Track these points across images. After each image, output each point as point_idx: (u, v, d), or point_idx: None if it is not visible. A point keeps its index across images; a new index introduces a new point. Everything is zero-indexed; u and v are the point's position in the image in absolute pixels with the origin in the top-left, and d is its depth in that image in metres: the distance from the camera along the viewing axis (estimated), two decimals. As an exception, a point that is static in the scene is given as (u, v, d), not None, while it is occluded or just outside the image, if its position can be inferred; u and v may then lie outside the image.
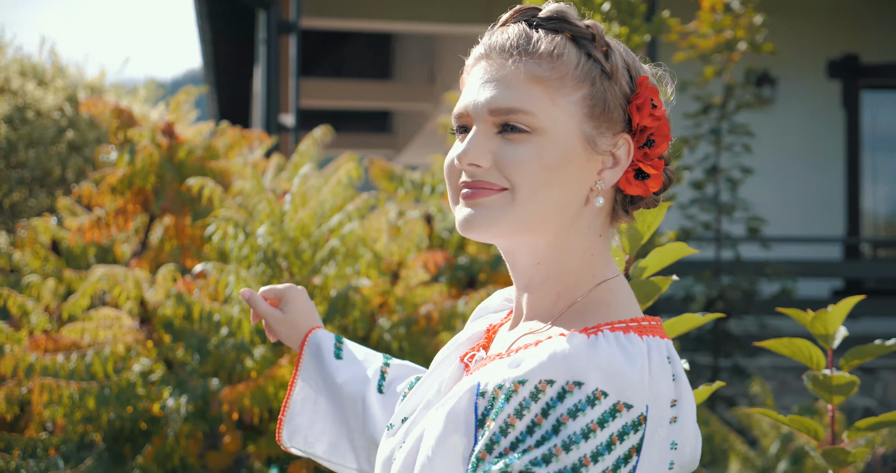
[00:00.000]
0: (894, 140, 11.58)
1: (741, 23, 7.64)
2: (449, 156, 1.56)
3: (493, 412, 1.38)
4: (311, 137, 5.79)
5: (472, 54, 1.58)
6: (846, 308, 2.45)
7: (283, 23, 9.43)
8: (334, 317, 4.14)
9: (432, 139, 16.40)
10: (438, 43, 14.47)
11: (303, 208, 4.20)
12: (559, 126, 1.50)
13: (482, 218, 1.49)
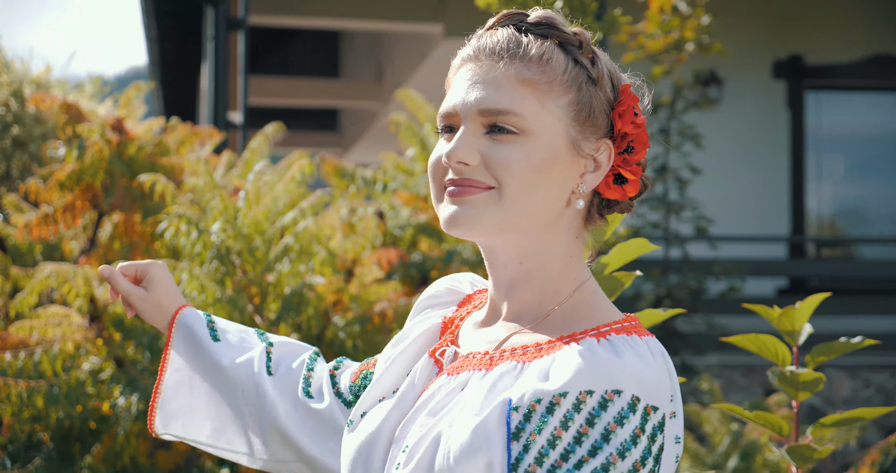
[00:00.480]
0: (838, 140, 11.71)
1: (689, 24, 7.70)
2: (434, 154, 1.59)
3: (535, 427, 1.41)
4: (262, 135, 5.75)
5: (458, 55, 1.61)
6: (812, 305, 2.47)
7: (232, 20, 9.37)
8: (288, 315, 4.12)
9: (381, 137, 16.37)
10: (386, 41, 14.45)
11: (257, 204, 4.18)
12: (546, 129, 1.54)
13: (468, 215, 1.53)
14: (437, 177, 1.57)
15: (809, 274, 10.79)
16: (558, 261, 1.58)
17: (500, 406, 1.44)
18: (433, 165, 1.58)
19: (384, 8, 11.68)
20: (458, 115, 1.55)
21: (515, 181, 1.51)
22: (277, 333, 4.25)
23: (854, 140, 11.88)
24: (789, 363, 2.46)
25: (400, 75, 13.57)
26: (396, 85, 13.70)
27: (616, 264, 2.38)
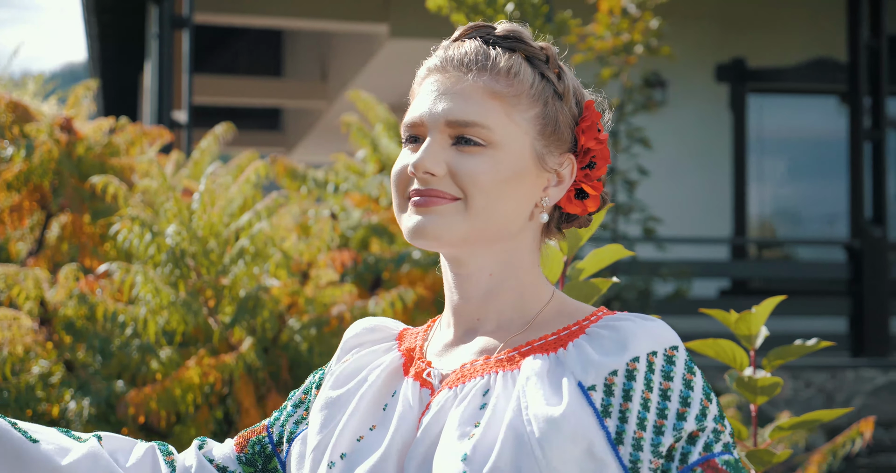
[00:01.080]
0: (779, 143, 11.84)
1: (638, 26, 7.74)
2: (398, 164, 1.58)
3: (622, 397, 1.46)
4: (212, 135, 5.71)
5: (424, 66, 1.61)
6: (768, 309, 2.49)
7: (177, 18, 9.29)
8: (243, 318, 4.09)
9: (324, 137, 16.31)
10: (331, 40, 14.40)
11: (212, 207, 4.14)
12: (513, 141, 1.54)
13: (434, 226, 1.52)
14: (401, 187, 1.57)
15: (751, 275, 10.90)
16: (528, 273, 1.60)
17: (573, 392, 1.46)
18: (397, 176, 1.57)
19: (329, 7, 11.64)
20: (425, 125, 1.55)
21: (482, 193, 1.52)
22: (232, 336, 4.23)
23: (795, 143, 12.02)
24: (747, 367, 2.48)
25: (345, 75, 13.53)
26: (341, 85, 13.66)
27: (591, 270, 2.39)
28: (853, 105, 9.71)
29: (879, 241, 9.63)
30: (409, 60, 11.94)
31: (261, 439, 1.71)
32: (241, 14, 11.91)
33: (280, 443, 1.69)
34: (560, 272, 2.35)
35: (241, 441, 1.73)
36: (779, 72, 11.45)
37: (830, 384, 9.35)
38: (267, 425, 1.72)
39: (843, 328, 9.90)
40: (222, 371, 4.01)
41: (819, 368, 9.31)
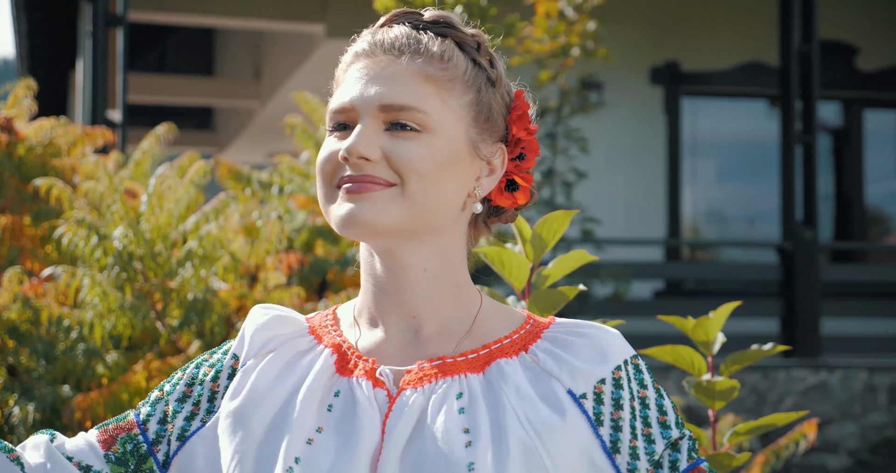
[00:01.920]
0: (712, 145, 11.97)
1: (575, 29, 7.79)
2: (324, 152, 1.52)
3: (612, 406, 1.48)
4: (153, 135, 5.66)
5: (349, 51, 1.56)
6: (724, 314, 2.52)
7: (111, 16, 9.18)
8: (192, 321, 4.05)
9: (258, 136, 16.21)
10: (265, 39, 14.32)
11: (160, 209, 4.10)
12: (448, 127, 1.51)
13: (367, 212, 1.46)
14: (328, 175, 1.51)
15: (685, 276, 11.01)
16: (461, 269, 1.57)
17: (566, 400, 1.47)
18: (324, 163, 1.51)
19: (264, 7, 11.57)
20: (356, 110, 1.50)
21: (419, 177, 1.47)
22: (179, 340, 4.19)
23: (727, 145, 12.16)
24: (705, 373, 2.51)
25: (279, 75, 13.46)
26: (275, 84, 13.59)
27: (556, 276, 2.40)
28: (785, 109, 9.83)
29: (810, 243, 9.76)
30: (345, 60, 11.92)
31: (133, 436, 1.56)
32: (176, 12, 11.80)
33: (158, 443, 1.55)
34: (526, 280, 2.36)
35: (107, 438, 1.57)
36: (712, 75, 11.58)
37: (763, 384, 9.46)
38: (137, 421, 1.57)
39: (776, 329, 10.03)
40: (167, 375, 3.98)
41: (752, 368, 9.42)
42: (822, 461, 9.24)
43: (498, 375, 1.49)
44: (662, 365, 8.80)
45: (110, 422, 1.58)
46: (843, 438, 9.37)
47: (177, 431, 1.56)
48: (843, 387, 9.52)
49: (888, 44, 11.72)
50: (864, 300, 11.06)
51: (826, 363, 9.57)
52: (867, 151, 12.02)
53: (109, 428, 1.58)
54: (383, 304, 1.54)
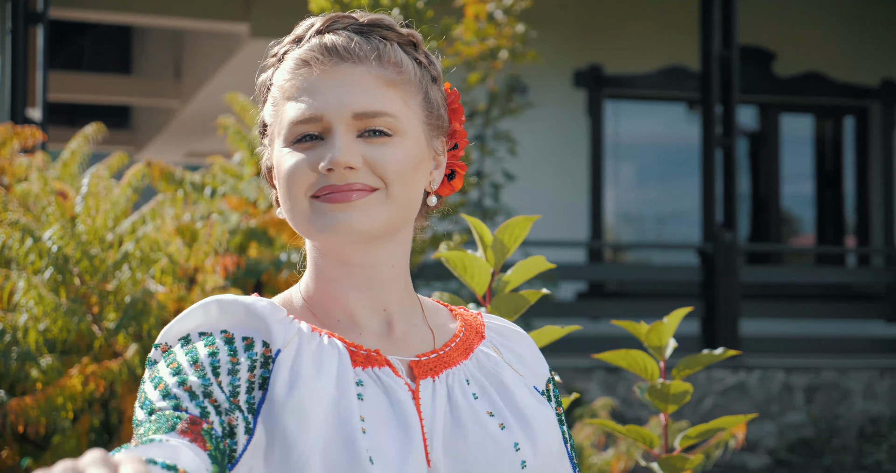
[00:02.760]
0: (633, 148, 12.09)
1: (504, 32, 7.82)
2: (290, 164, 1.51)
3: (556, 403, 1.68)
4: (82, 135, 5.57)
5: (290, 58, 1.55)
6: (677, 320, 2.55)
7: (31, 13, 9.03)
8: (129, 324, 4.00)
9: (178, 136, 16.04)
10: (186, 38, 14.17)
11: (96, 210, 4.04)
12: (412, 128, 1.55)
13: (357, 219, 1.49)
14: (301, 187, 1.50)
15: (607, 278, 11.10)
16: (409, 256, 1.62)
17: (536, 396, 1.62)
18: (294, 175, 1.50)
19: (187, 5, 11.45)
20: (325, 119, 1.50)
21: (399, 180, 1.52)
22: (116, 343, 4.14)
23: (648, 148, 12.29)
24: (657, 377, 2.53)
25: (201, 74, 13.34)
26: (197, 83, 13.46)
27: (516, 282, 2.42)
28: (705, 113, 9.96)
29: (730, 245, 9.90)
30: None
31: (210, 431, 1.38)
32: (96, 10, 11.63)
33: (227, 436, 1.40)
34: (487, 284, 2.37)
35: (202, 440, 1.36)
36: (633, 79, 11.69)
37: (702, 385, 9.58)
38: (201, 417, 1.38)
39: (696, 329, 10.16)
40: (106, 378, 3.92)
41: (673, 369, 9.52)
42: (741, 460, 9.37)
43: (485, 360, 1.60)
44: (610, 367, 8.89)
45: (185, 421, 1.37)
46: (761, 437, 9.52)
47: (242, 425, 1.41)
48: (762, 387, 9.67)
49: (804, 49, 11.93)
50: (780, 302, 11.24)
51: (745, 363, 9.71)
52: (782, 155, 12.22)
53: (190, 426, 1.36)
54: (353, 299, 1.57)
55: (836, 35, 11.89)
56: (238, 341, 1.47)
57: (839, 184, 12.45)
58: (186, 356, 1.44)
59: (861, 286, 11.80)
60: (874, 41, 11.94)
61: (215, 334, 1.47)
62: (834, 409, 9.69)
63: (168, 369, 1.43)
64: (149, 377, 1.45)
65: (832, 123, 12.51)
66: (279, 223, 5.25)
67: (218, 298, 1.51)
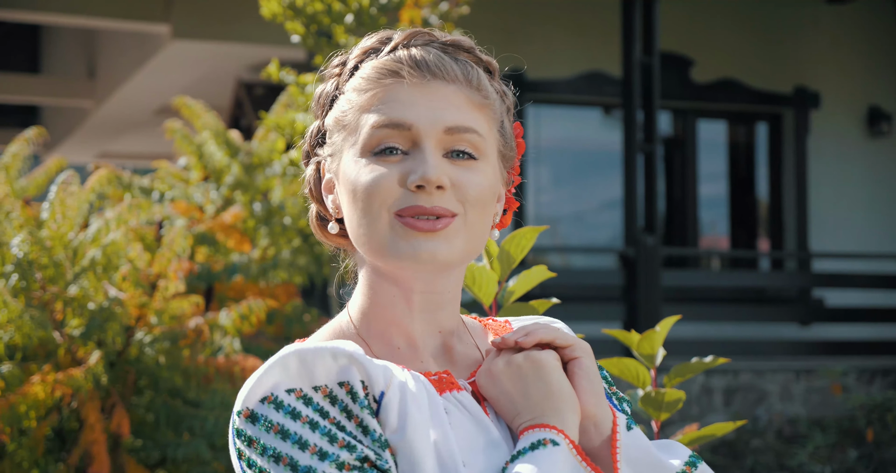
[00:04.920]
0: (553, 152, 12.19)
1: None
2: (373, 176, 1.45)
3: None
4: (23, 138, 5.50)
5: (365, 69, 1.51)
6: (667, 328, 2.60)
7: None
8: (94, 331, 3.95)
9: (90, 137, 15.79)
10: (101, 37, 13.95)
11: (62, 216, 3.98)
12: (493, 155, 1.52)
13: (443, 250, 1.45)
14: (384, 202, 1.45)
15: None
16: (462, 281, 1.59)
17: None
18: (377, 189, 1.45)
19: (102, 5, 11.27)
20: (416, 130, 1.45)
21: (479, 207, 1.47)
22: (78, 350, 4.09)
23: (567, 152, 12.39)
24: (649, 385, 2.58)
25: (117, 74, 13.14)
26: (113, 83, 13.26)
27: (521, 291, 2.45)
28: (626, 119, 10.06)
29: (651, 249, 10.03)
30: (191, 61, 11.74)
31: None
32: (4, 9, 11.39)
33: None
34: (494, 295, 2.40)
35: None
36: (554, 84, 11.79)
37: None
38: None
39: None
40: (71, 386, 3.87)
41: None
42: (664, 461, 9.49)
43: None
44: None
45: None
46: (682, 439, 9.67)
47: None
48: (681, 389, 9.82)
49: (721, 56, 12.14)
50: (697, 305, 11.40)
51: (665, 366, 9.85)
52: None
53: None
54: (414, 324, 1.52)
55: (752, 42, 12.12)
56: (336, 390, 1.40)
57: (752, 189, 12.69)
58: (289, 419, 1.37)
59: (775, 290, 12.04)
60: (789, 49, 12.20)
61: (305, 389, 1.39)
62: (752, 411, 9.87)
63: (290, 425, 1.37)
64: (263, 445, 1.37)
65: (745, 128, 12.75)
66: (226, 228, 5.23)
67: (295, 350, 1.41)
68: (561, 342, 1.49)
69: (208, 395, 4.29)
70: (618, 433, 1.47)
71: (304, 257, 5.17)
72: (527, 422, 1.42)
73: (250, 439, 1.37)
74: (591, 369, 1.49)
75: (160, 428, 4.42)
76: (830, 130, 12.23)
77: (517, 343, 1.48)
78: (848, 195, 12.21)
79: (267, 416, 1.37)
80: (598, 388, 1.48)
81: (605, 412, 1.48)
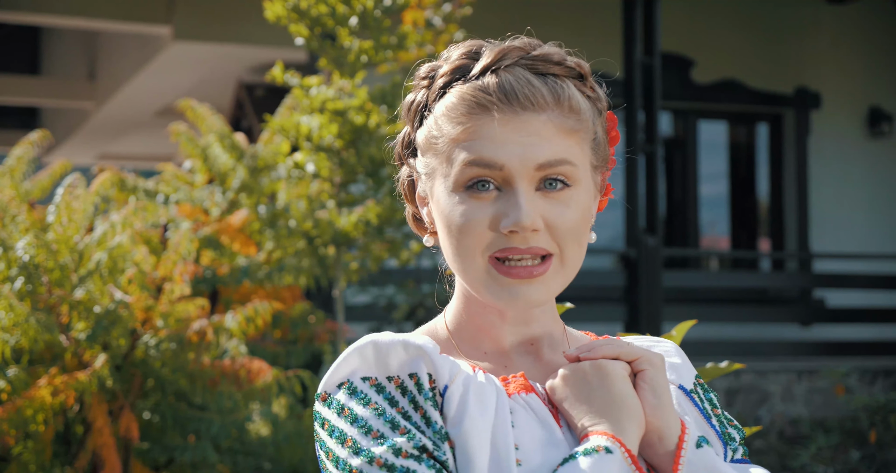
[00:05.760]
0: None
1: (441, 39, 7.83)
2: (466, 217, 1.47)
3: (708, 403, 1.62)
4: (27, 141, 5.49)
5: (459, 97, 1.49)
6: (683, 331, 2.60)
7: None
8: (100, 334, 3.95)
9: (91, 138, 15.79)
10: (101, 39, 13.94)
11: (68, 220, 3.98)
12: (586, 175, 1.51)
13: (538, 294, 1.48)
14: (480, 245, 1.46)
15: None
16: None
17: (678, 394, 1.60)
18: (473, 232, 1.46)
19: (103, 6, 11.27)
20: (507, 170, 1.45)
21: (575, 241, 1.49)
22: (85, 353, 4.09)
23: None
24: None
25: (118, 75, 13.13)
26: (114, 85, 13.25)
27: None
28: (628, 120, 10.07)
29: (653, 250, 10.03)
30: (192, 62, 11.73)
31: None
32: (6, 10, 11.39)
33: None
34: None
35: None
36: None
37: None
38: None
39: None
40: (77, 390, 3.87)
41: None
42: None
43: None
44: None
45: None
46: (685, 439, 9.66)
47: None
48: (683, 390, 9.82)
49: (722, 57, 12.14)
50: (698, 306, 11.40)
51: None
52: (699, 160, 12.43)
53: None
54: (504, 333, 1.56)
55: (752, 43, 12.13)
56: (407, 381, 1.45)
57: (753, 189, 12.69)
58: (360, 405, 1.43)
59: (776, 291, 12.04)
60: (789, 49, 12.20)
61: (380, 378, 1.45)
62: (754, 411, 9.88)
63: (359, 410, 1.42)
64: (333, 426, 1.44)
65: (746, 129, 12.75)
66: (232, 231, 5.22)
67: (372, 340, 1.47)
68: (626, 356, 1.50)
69: (214, 398, 4.29)
70: (683, 448, 1.47)
71: (309, 260, 5.17)
72: (586, 428, 1.44)
73: (324, 420, 1.45)
74: (656, 381, 1.49)
75: (166, 431, 4.43)
76: (831, 130, 12.23)
77: (580, 359, 1.51)
78: (849, 196, 12.22)
79: (340, 400, 1.44)
80: (664, 401, 1.48)
81: (671, 426, 1.48)
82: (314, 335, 5.33)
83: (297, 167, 5.03)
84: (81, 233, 4.05)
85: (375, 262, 5.36)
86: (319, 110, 5.00)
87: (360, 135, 5.02)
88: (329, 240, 5.04)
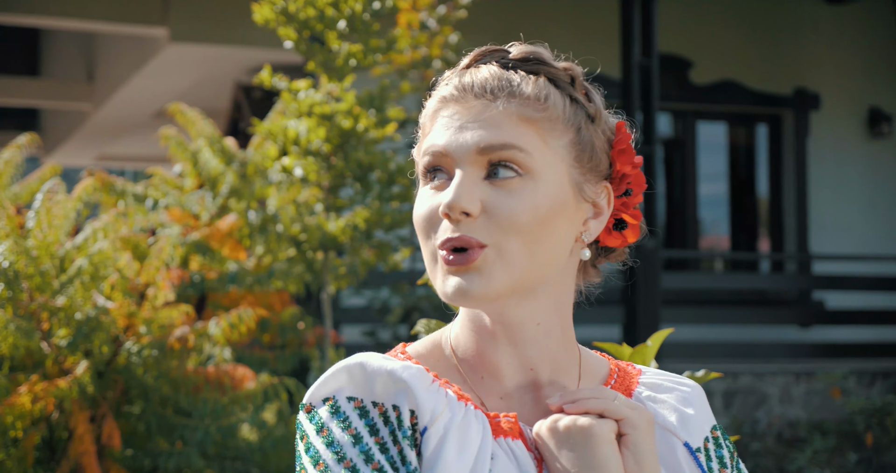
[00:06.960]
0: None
1: (436, 41, 7.82)
2: (422, 207, 1.43)
3: (717, 461, 1.51)
4: (15, 145, 5.47)
5: (434, 97, 1.47)
6: (659, 341, 2.57)
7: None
8: (81, 341, 3.92)
9: (89, 139, 15.78)
10: (99, 41, 13.93)
11: (48, 225, 3.95)
12: (551, 170, 1.42)
13: (474, 286, 1.38)
14: (428, 233, 1.41)
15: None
16: (568, 312, 1.49)
17: (681, 453, 1.49)
18: (424, 220, 1.42)
19: (100, 8, 11.25)
20: (450, 156, 1.40)
21: (521, 236, 1.38)
22: (66, 360, 4.06)
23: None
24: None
25: (116, 77, 13.12)
26: (112, 87, 13.24)
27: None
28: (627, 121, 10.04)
29: (652, 252, 10.00)
30: (189, 64, 11.72)
31: None
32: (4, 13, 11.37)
33: None
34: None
35: None
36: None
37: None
38: None
39: (618, 335, 10.25)
40: (57, 397, 3.84)
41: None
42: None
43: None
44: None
45: None
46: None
47: None
48: (681, 392, 9.78)
49: (720, 58, 12.11)
50: (696, 307, 11.37)
51: (666, 369, 9.82)
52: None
53: None
54: (498, 356, 1.47)
55: (751, 44, 12.09)
56: (390, 411, 1.40)
57: (752, 191, 12.66)
58: (339, 427, 1.39)
59: (775, 292, 12.00)
60: (788, 50, 12.17)
61: (365, 401, 1.40)
62: (752, 413, 9.84)
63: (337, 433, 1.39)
64: (310, 443, 1.40)
65: (745, 130, 12.72)
66: (222, 236, 5.20)
67: (362, 361, 1.41)
68: (612, 414, 1.41)
69: (199, 404, 4.26)
70: None
71: (299, 266, 5.14)
72: None
73: (304, 433, 1.41)
74: (639, 446, 1.41)
75: (152, 437, 4.39)
76: (830, 131, 12.20)
77: (563, 411, 1.43)
78: (848, 197, 12.18)
79: (321, 417, 1.40)
80: (645, 469, 1.41)
81: None
82: (303, 340, 5.29)
83: (285, 171, 5.00)
84: (63, 238, 4.02)
85: (364, 266, 5.33)
86: (307, 114, 4.97)
87: (348, 139, 4.99)
88: (317, 245, 5.00)
